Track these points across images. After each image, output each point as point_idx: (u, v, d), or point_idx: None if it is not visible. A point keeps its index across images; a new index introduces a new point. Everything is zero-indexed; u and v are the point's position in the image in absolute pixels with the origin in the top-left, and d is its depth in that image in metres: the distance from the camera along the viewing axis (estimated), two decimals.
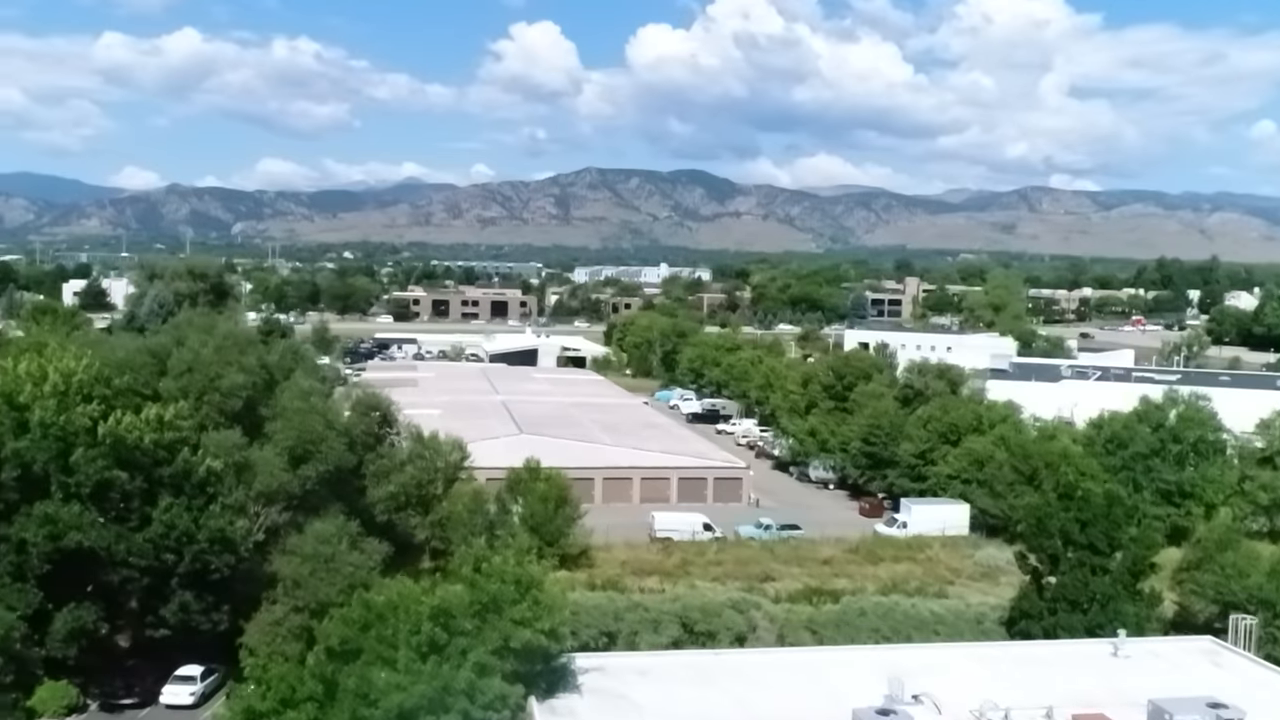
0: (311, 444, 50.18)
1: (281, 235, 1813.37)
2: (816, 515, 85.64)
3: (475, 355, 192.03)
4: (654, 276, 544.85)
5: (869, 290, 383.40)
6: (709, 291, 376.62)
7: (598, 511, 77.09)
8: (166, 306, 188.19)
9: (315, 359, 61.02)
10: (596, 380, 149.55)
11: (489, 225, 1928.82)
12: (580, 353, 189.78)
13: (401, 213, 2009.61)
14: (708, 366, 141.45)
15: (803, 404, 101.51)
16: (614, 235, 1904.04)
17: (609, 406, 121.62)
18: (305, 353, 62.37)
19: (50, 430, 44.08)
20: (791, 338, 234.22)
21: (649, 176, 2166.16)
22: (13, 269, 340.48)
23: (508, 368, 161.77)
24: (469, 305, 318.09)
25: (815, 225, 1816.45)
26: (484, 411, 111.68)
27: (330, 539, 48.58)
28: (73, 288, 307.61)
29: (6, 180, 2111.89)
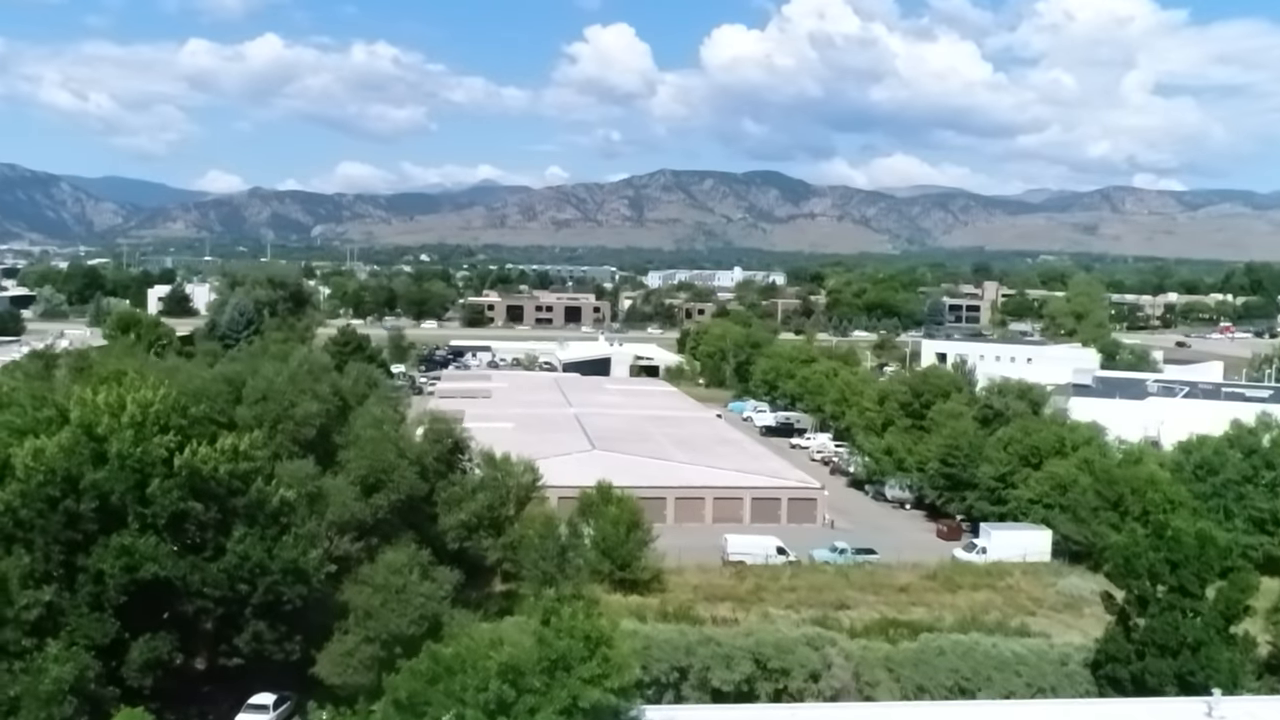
0: (383, 473, 50.15)
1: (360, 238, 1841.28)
2: (892, 538, 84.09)
3: (549, 364, 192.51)
4: (727, 280, 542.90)
5: (946, 295, 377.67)
6: (783, 296, 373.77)
7: (670, 532, 76.36)
8: (247, 315, 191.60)
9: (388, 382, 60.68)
10: (669, 392, 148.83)
11: (563, 227, 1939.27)
12: (653, 362, 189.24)
13: (477, 215, 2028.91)
14: (782, 379, 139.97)
15: (879, 421, 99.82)
16: (688, 237, 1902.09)
17: (682, 420, 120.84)
18: (378, 377, 62.26)
19: (127, 462, 44.43)
20: (867, 346, 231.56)
21: (723, 178, 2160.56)
22: (101, 275, 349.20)
23: (580, 378, 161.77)
24: (543, 311, 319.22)
25: (891, 226, 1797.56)
26: (557, 425, 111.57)
27: (401, 569, 48.46)
28: (157, 293, 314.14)
29: (96, 184, 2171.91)
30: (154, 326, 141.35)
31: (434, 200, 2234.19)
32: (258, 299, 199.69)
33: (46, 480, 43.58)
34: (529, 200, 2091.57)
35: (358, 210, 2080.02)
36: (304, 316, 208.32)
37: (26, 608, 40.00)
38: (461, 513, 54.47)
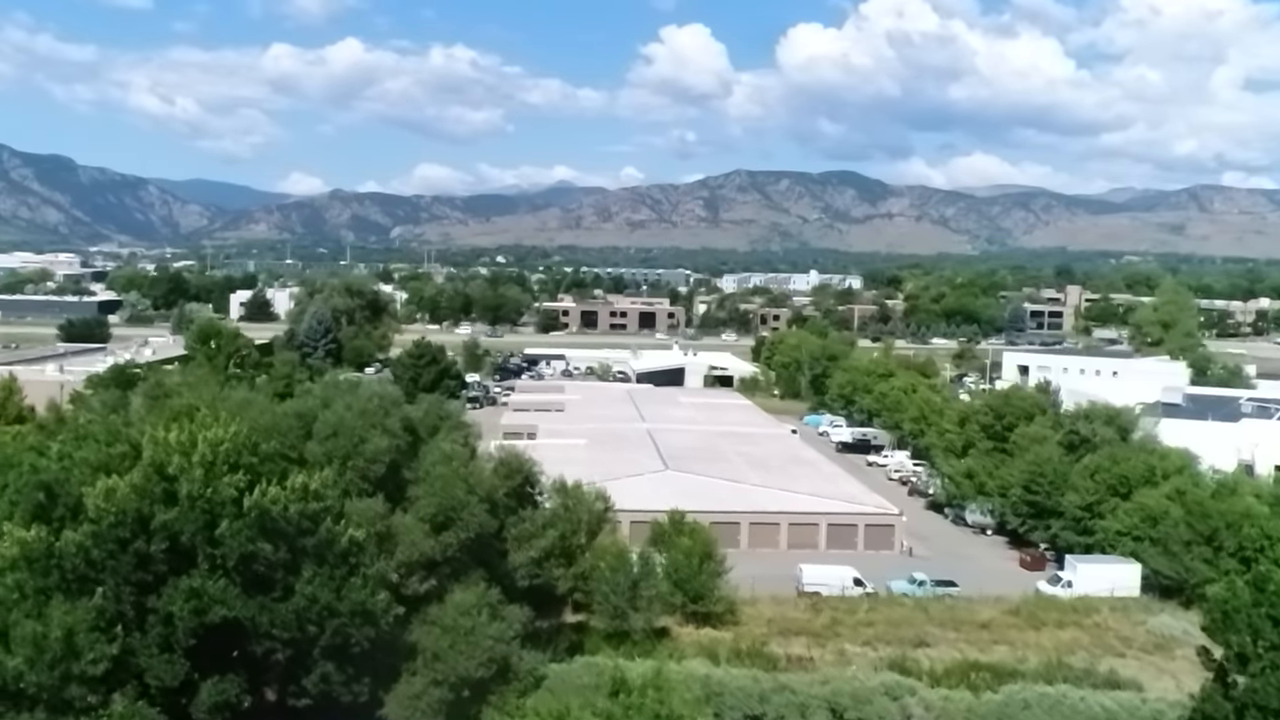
0: (453, 510, 49.46)
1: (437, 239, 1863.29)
2: (973, 566, 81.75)
3: (622, 374, 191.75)
4: (803, 284, 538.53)
5: (1027, 301, 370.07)
6: (860, 302, 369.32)
7: (743, 558, 74.93)
8: (324, 323, 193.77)
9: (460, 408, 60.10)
10: (744, 405, 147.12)
11: (638, 228, 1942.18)
12: (728, 372, 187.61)
13: (552, 216, 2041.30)
14: (859, 393, 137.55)
15: (959, 444, 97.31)
16: (763, 238, 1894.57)
17: (756, 437, 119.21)
18: (450, 408, 61.75)
19: (198, 503, 44.25)
20: (946, 355, 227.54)
21: (799, 178, 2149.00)
22: (185, 280, 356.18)
23: (654, 389, 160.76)
24: (617, 316, 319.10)
25: (971, 227, 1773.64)
26: (629, 442, 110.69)
27: (470, 610, 47.76)
28: (239, 298, 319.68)
29: (182, 187, 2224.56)
30: (233, 338, 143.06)
31: (510, 201, 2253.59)
32: (335, 307, 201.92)
33: (118, 521, 43.57)
34: (604, 201, 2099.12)
35: (435, 212, 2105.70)
36: (381, 324, 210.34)
37: (93, 661, 39.84)
38: (532, 549, 53.66)
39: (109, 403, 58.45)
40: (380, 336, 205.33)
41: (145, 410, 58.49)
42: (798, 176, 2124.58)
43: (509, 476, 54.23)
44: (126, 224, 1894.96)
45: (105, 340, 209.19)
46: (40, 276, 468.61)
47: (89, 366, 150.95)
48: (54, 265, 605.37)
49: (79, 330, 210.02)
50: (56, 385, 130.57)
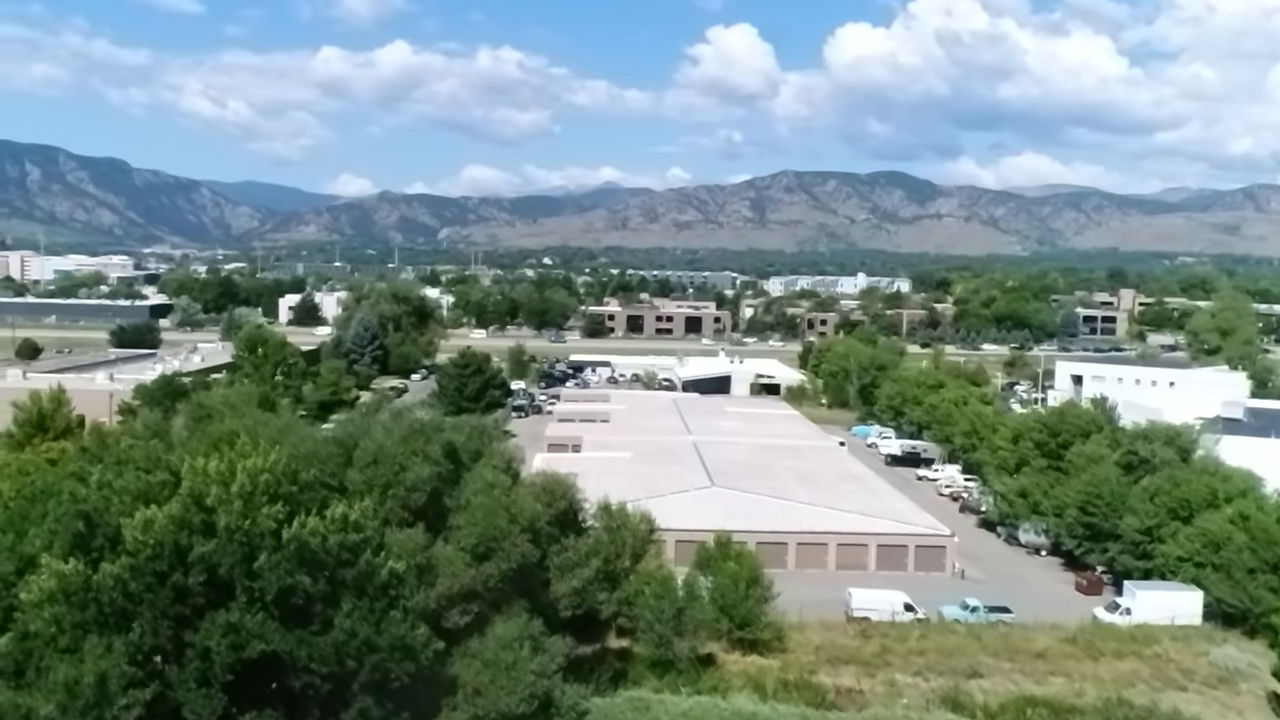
0: (495, 540, 48.51)
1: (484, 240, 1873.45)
2: (1027, 590, 79.76)
3: (668, 381, 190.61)
4: (850, 286, 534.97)
5: (1080, 306, 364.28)
6: (908, 306, 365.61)
7: (791, 579, 73.46)
8: (371, 330, 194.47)
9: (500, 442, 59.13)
10: (790, 415, 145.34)
11: (684, 229, 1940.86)
12: (774, 380, 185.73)
13: (599, 217, 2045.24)
14: (908, 405, 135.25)
15: (1013, 461, 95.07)
16: (810, 239, 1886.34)
17: (803, 450, 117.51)
18: (491, 431, 60.83)
19: (236, 535, 43.61)
20: (997, 362, 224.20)
21: (846, 178, 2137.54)
22: (235, 284, 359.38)
23: (700, 398, 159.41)
24: (663, 321, 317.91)
25: (1021, 227, 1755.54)
26: (675, 455, 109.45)
27: (512, 643, 46.80)
28: (288, 302, 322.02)
29: (234, 189, 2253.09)
30: (280, 346, 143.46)
31: (557, 203, 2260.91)
32: (382, 314, 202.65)
33: (156, 554, 43.03)
34: (650, 202, 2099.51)
35: (483, 213, 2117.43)
36: (427, 331, 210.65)
37: (127, 708, 39.25)
38: (575, 579, 52.61)
39: (151, 425, 58.04)
40: (426, 343, 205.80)
41: (188, 431, 58.07)
42: (845, 177, 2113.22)
43: (551, 503, 53.18)
44: (179, 225, 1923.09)
45: (155, 346, 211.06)
46: (94, 280, 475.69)
47: (138, 374, 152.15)
48: (108, 268, 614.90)
49: (130, 336, 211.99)
50: (106, 395, 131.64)
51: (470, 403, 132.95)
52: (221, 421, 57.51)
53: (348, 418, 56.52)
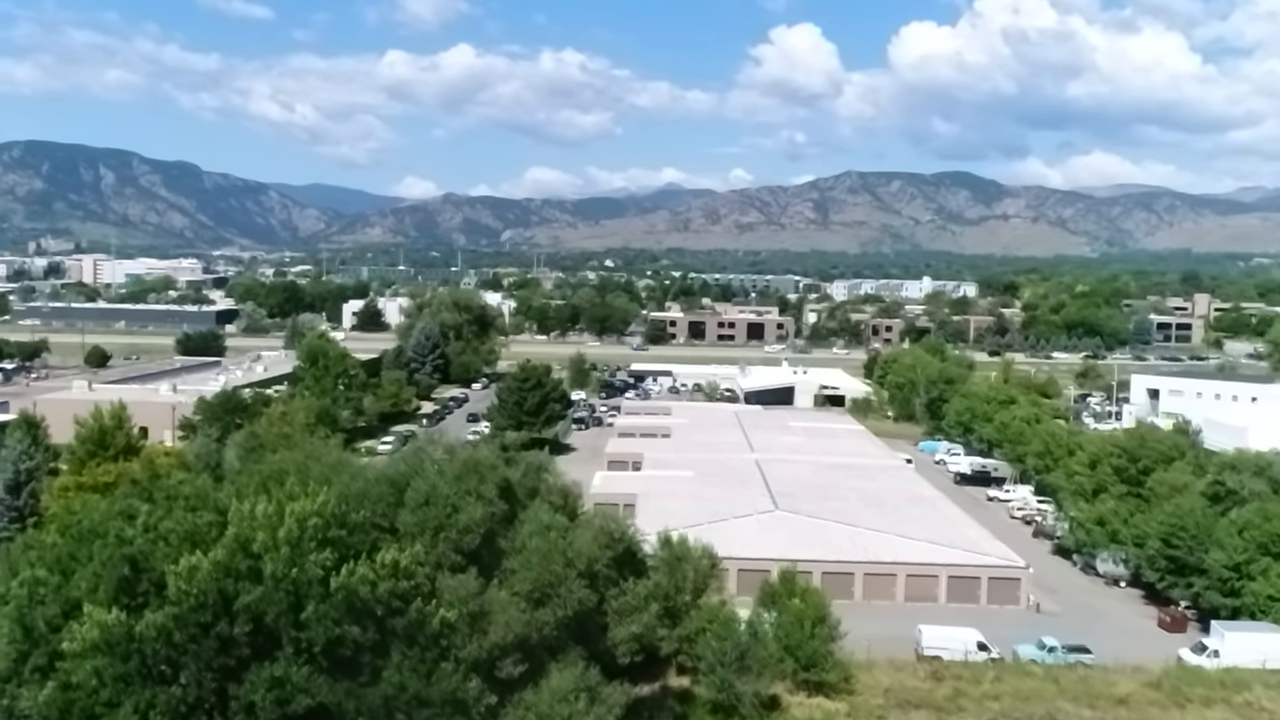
0: (551, 586, 46.56)
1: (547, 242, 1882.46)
2: (1106, 625, 76.27)
3: (730, 391, 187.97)
4: (916, 291, 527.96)
5: (1153, 312, 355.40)
6: (975, 312, 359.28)
7: (857, 612, 70.78)
8: (432, 339, 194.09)
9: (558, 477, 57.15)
10: (856, 431, 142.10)
11: (746, 231, 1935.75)
12: (839, 391, 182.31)
13: (661, 219, 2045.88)
14: (978, 421, 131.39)
15: (1090, 487, 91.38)
16: (873, 240, 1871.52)
17: (870, 469, 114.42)
18: (548, 464, 58.88)
19: (282, 584, 42.09)
20: (1068, 372, 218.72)
21: (911, 179, 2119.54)
22: (300, 289, 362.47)
23: (763, 411, 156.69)
24: (725, 327, 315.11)
25: (1090, 228, 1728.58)
26: (737, 475, 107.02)
27: (568, 695, 44.80)
28: (351, 308, 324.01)
29: (301, 192, 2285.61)
30: (341, 358, 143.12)
31: (619, 204, 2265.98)
32: (443, 322, 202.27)
33: (200, 603, 41.68)
34: (713, 204, 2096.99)
35: (545, 215, 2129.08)
36: (488, 339, 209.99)
37: None
38: (634, 624, 50.45)
39: (202, 455, 56.93)
40: (488, 352, 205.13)
41: (240, 462, 56.87)
42: (910, 177, 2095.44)
43: (610, 544, 51.08)
44: (248, 228, 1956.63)
45: (221, 353, 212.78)
46: (163, 284, 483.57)
47: (201, 385, 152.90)
48: (177, 272, 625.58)
49: (195, 343, 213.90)
50: (168, 408, 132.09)
51: (530, 417, 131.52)
52: (273, 453, 56.20)
53: (400, 453, 54.65)
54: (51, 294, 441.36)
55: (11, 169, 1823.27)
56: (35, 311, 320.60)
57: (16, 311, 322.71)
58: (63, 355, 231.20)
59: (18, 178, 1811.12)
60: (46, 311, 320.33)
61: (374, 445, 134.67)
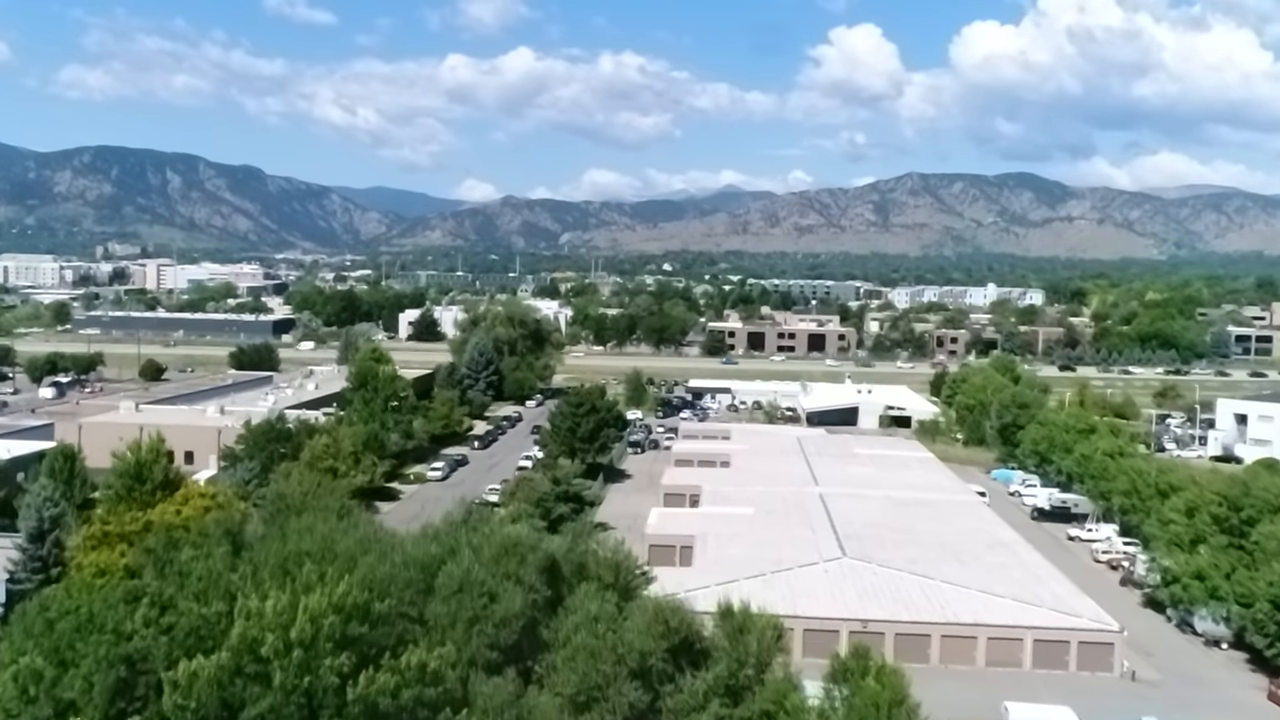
0: (598, 688, 41.32)
1: (606, 245, 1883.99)
2: (1211, 696, 69.47)
3: (791, 411, 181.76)
4: (980, 298, 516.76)
5: (1231, 323, 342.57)
6: (1044, 323, 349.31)
7: (934, 677, 64.57)
8: (486, 355, 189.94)
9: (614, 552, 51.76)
10: (924, 459, 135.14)
11: (806, 233, 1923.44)
12: (905, 411, 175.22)
13: (720, 221, 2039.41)
14: (1056, 452, 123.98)
15: (1187, 537, 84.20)
16: (935, 242, 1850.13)
17: (942, 506, 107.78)
18: (599, 536, 53.54)
19: (294, 695, 37.16)
20: (1145, 389, 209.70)
21: (974, 180, 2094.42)
22: (357, 297, 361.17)
23: (826, 435, 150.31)
24: (785, 338, 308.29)
25: (1158, 230, 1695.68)
26: (801, 513, 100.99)
27: None
28: (408, 317, 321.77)
29: (364, 195, 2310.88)
30: (390, 380, 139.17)
31: (678, 207, 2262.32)
32: (498, 337, 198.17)
33: (200, 715, 36.88)
34: (772, 206, 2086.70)
35: (604, 218, 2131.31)
36: (543, 355, 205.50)
37: None
38: None
39: (222, 522, 52.21)
40: (543, 367, 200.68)
41: (263, 527, 52.17)
42: (973, 179, 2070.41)
43: (666, 634, 45.61)
44: (310, 231, 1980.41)
45: (275, 366, 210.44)
46: (224, 291, 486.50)
47: (250, 404, 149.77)
48: (238, 278, 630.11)
49: (249, 357, 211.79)
50: (214, 432, 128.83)
51: (583, 444, 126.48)
52: (299, 516, 51.45)
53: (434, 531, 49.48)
54: (114, 300, 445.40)
55: (82, 174, 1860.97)
56: (96, 320, 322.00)
57: (78, 320, 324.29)
58: (118, 367, 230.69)
59: (88, 182, 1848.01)
60: (106, 321, 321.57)
61: (423, 471, 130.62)
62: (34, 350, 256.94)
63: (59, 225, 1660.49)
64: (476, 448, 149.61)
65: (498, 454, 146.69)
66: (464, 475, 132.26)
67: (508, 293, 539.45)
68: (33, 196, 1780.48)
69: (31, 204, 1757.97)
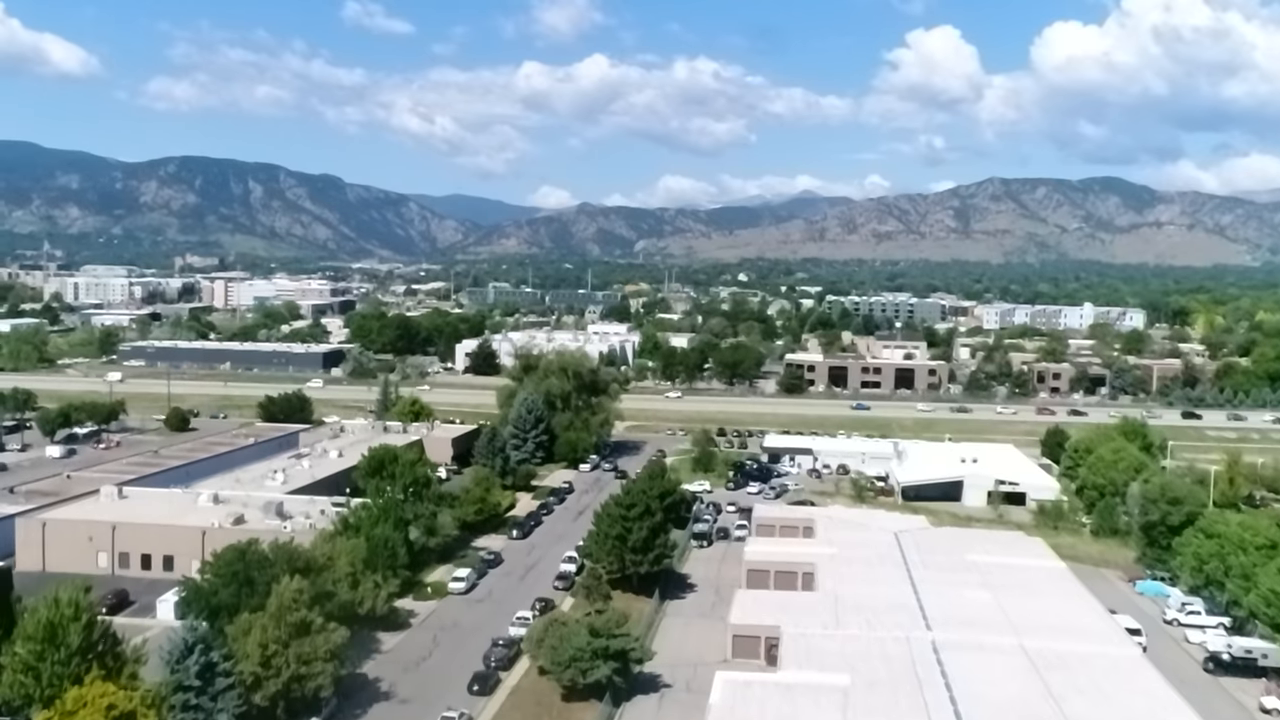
0: None
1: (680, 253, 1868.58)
2: None
3: (882, 482, 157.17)
4: (1075, 319, 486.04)
5: None
6: (1152, 353, 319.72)
7: None
8: (535, 412, 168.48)
9: None
10: (1054, 572, 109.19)
11: (884, 240, 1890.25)
12: (1018, 486, 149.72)
13: (796, 228, 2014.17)
14: (1233, 579, 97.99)
15: None
16: (1018, 249, 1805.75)
17: (1091, 660, 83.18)
18: None
19: None
20: None
21: (1057, 185, 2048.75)
22: (413, 324, 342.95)
23: (929, 533, 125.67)
24: (869, 373, 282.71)
25: (1250, 235, 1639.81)
26: (910, 684, 77.26)
27: None
28: (465, 348, 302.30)
29: (441, 203, 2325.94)
30: (410, 467, 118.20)
31: (753, 213, 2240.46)
32: (549, 391, 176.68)
33: None
34: (849, 212, 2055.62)
35: (679, 225, 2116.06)
36: (600, 409, 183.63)
37: None
38: None
39: None
40: (600, 424, 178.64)
41: None
42: (1056, 184, 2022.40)
43: None
44: (388, 239, 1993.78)
45: (306, 417, 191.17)
46: (286, 313, 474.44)
47: (257, 484, 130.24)
48: (304, 295, 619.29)
49: (280, 407, 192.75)
50: (198, 533, 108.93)
51: (636, 554, 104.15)
52: None
53: None
54: (174, 322, 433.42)
55: (167, 184, 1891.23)
56: (140, 352, 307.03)
57: (123, 352, 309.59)
58: (144, 411, 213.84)
59: (173, 192, 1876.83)
60: (152, 352, 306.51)
61: (444, 581, 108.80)
62: (64, 389, 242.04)
63: (144, 235, 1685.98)
64: (515, 537, 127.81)
65: (539, 547, 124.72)
66: (493, 584, 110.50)
67: (576, 313, 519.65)
68: (119, 206, 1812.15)
69: (118, 214, 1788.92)
